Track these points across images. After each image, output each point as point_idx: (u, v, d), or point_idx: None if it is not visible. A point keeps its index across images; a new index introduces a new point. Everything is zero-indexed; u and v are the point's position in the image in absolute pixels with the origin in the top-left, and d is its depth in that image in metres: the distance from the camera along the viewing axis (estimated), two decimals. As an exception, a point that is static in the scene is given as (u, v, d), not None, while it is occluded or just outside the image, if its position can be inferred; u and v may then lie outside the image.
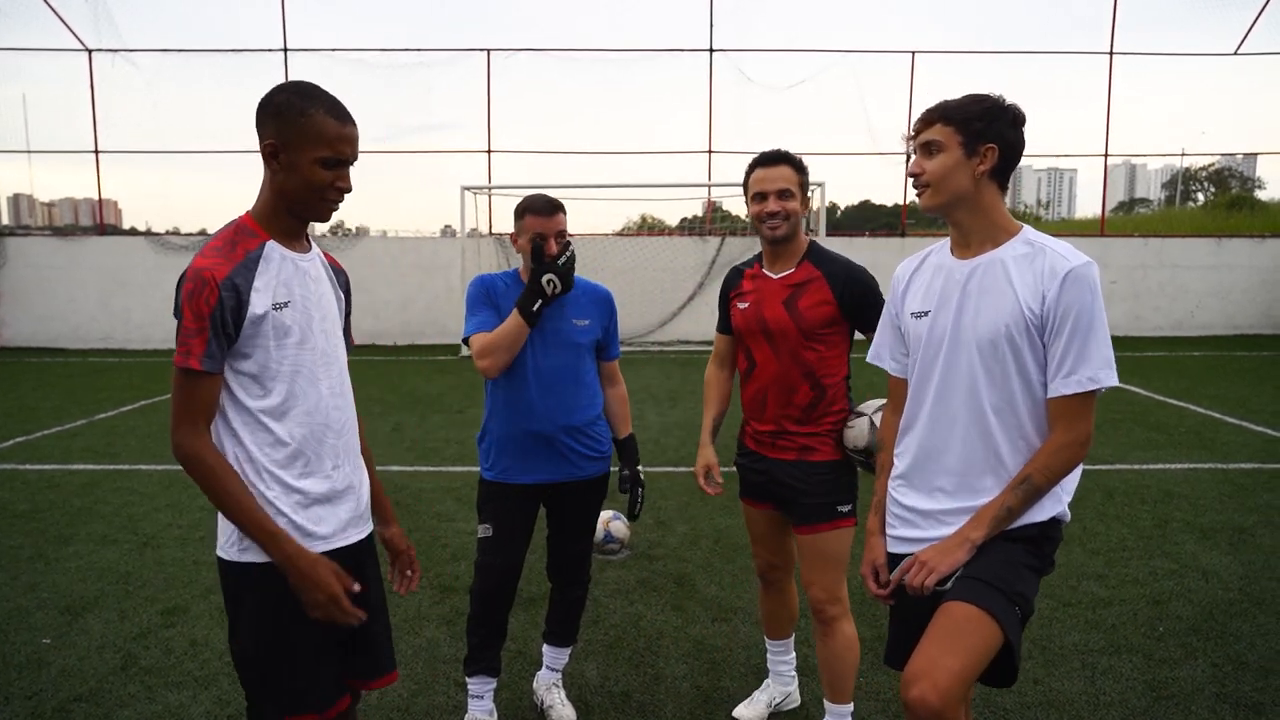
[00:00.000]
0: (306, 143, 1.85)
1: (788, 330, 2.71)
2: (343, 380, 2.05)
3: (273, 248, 1.90)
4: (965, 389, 2.02)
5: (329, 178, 1.88)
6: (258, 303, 1.84)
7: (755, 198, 2.76)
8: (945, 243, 2.13)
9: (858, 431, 2.69)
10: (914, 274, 2.18)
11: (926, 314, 2.10)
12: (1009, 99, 1.99)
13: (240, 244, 1.87)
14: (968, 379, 2.02)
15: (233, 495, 1.82)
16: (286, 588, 1.88)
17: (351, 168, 1.94)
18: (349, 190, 1.94)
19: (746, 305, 2.82)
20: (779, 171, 2.73)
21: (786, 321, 2.71)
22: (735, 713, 3.11)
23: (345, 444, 2.05)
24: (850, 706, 2.87)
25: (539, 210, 2.86)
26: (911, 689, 1.85)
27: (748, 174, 2.81)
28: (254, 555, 1.89)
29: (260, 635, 1.93)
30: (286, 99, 1.87)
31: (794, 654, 3.19)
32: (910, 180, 2.05)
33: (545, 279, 2.78)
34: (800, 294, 2.72)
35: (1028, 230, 2.01)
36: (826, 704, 2.88)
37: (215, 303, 1.78)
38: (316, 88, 1.90)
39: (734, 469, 3.02)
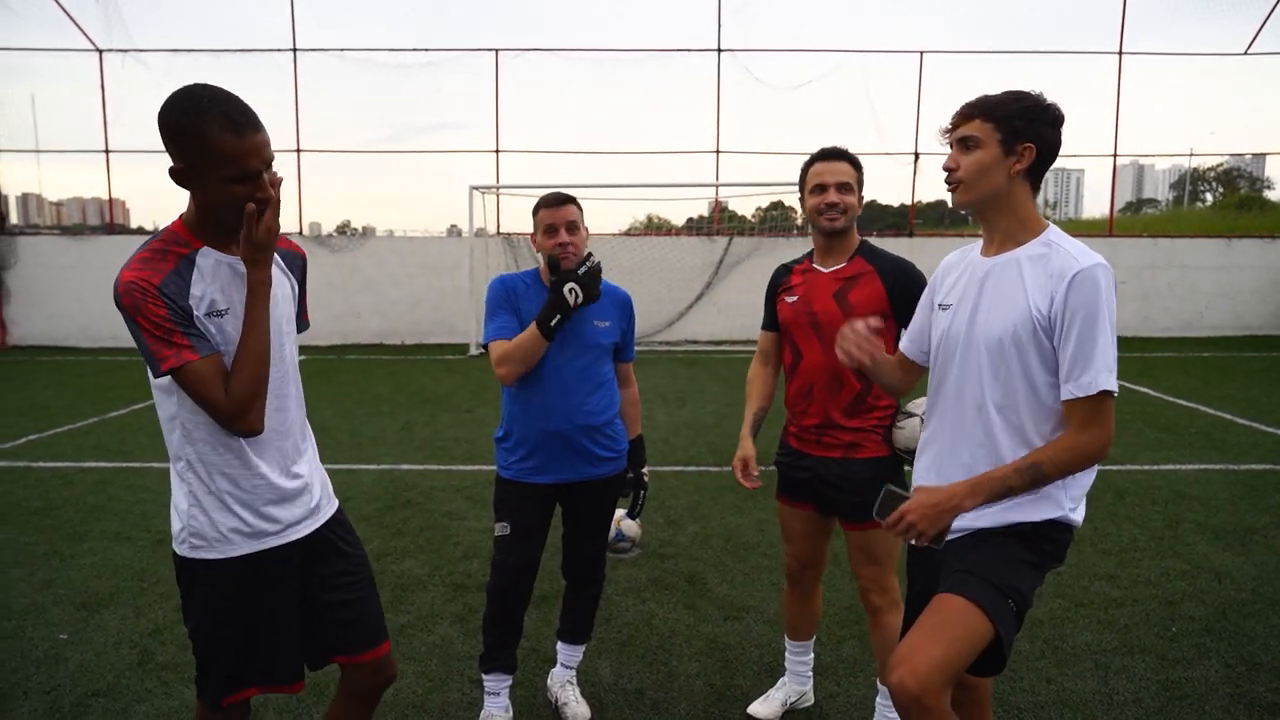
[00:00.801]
0: (210, 164, 1.76)
1: (837, 322, 2.64)
2: (285, 382, 2.01)
3: (206, 254, 1.86)
4: (975, 386, 2.05)
5: (244, 192, 1.80)
6: (194, 314, 1.82)
7: (815, 190, 2.76)
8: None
9: (909, 433, 2.70)
10: (954, 265, 2.20)
11: (949, 308, 2.13)
12: (1049, 98, 1.99)
13: (171, 252, 1.83)
14: (977, 377, 2.04)
15: (258, 352, 1.85)
16: (230, 584, 1.98)
17: (269, 169, 1.83)
18: (269, 198, 1.83)
19: (795, 299, 2.84)
20: (840, 166, 2.75)
21: (836, 313, 2.71)
22: (750, 709, 3.12)
23: (292, 445, 2.05)
24: None
25: (548, 203, 2.90)
26: (893, 674, 1.89)
27: (806, 168, 2.82)
28: (203, 553, 1.95)
29: (205, 626, 2.01)
30: (178, 121, 1.75)
31: (813, 655, 3.19)
32: (944, 175, 2.05)
33: (567, 288, 2.77)
34: (851, 287, 2.74)
35: (1050, 231, 2.01)
36: (879, 684, 2.94)
37: (163, 303, 1.77)
38: (207, 98, 1.76)
39: (771, 468, 3.03)
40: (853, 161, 2.78)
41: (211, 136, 1.74)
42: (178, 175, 1.81)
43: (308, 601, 2.13)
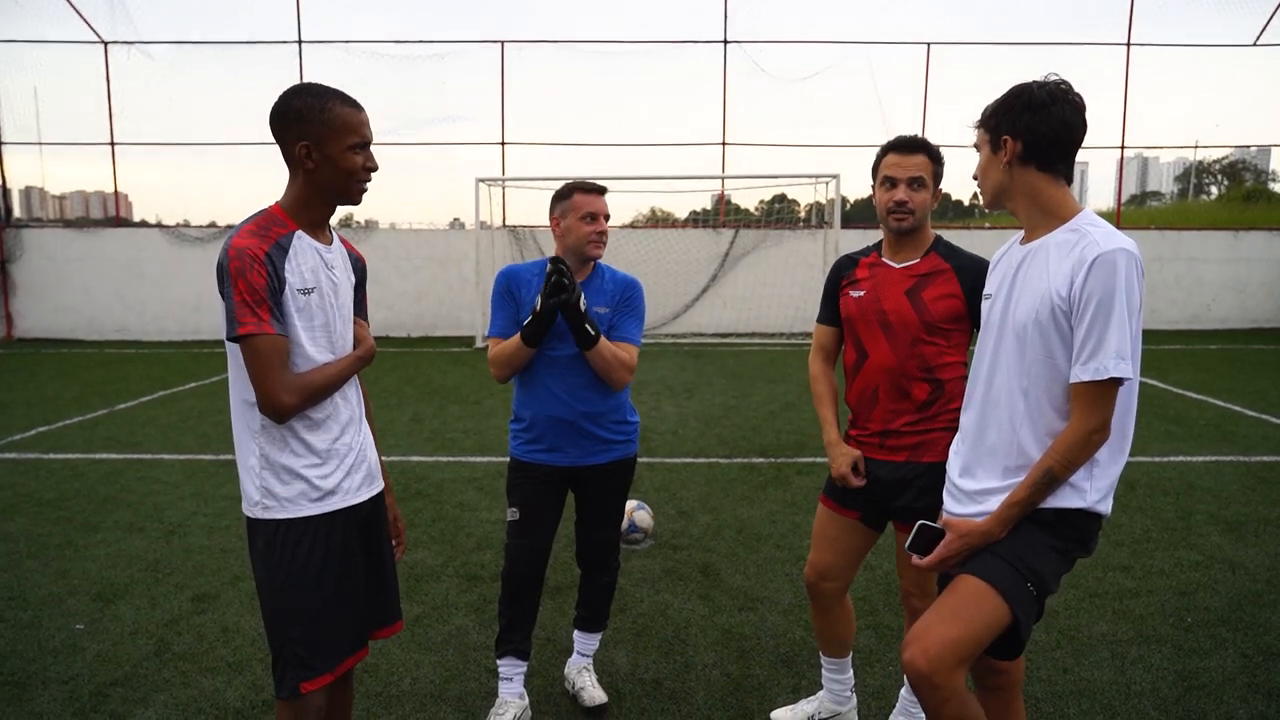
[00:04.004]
0: (335, 135, 2.00)
1: (909, 321, 2.55)
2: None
3: (300, 237, 2.05)
4: (1005, 372, 2.07)
5: (360, 160, 2.05)
6: (287, 286, 1.99)
7: (884, 183, 2.59)
8: None
9: None
10: (1000, 259, 2.22)
11: (989, 298, 2.17)
12: (1041, 80, 2.02)
13: (272, 229, 2.01)
14: (1006, 362, 2.07)
15: (335, 378, 2.06)
16: (298, 546, 2.07)
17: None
18: (376, 169, 2.10)
19: (862, 293, 2.66)
20: (915, 159, 2.57)
21: (909, 312, 2.56)
22: (773, 715, 3.04)
23: (350, 415, 2.20)
24: None
25: (588, 189, 2.91)
26: (904, 652, 1.94)
27: (879, 158, 2.64)
28: (271, 513, 2.06)
29: (275, 593, 2.08)
30: (304, 102, 2.00)
31: (851, 674, 2.98)
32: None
33: (549, 296, 2.72)
34: (925, 285, 2.57)
35: (1082, 216, 2.01)
36: (906, 680, 2.87)
37: (265, 274, 1.93)
38: (322, 85, 2.05)
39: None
40: (931, 153, 2.58)
41: (336, 110, 2.00)
42: (301, 154, 2.00)
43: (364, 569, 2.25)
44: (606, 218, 2.92)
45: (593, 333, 2.80)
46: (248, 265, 1.91)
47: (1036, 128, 1.98)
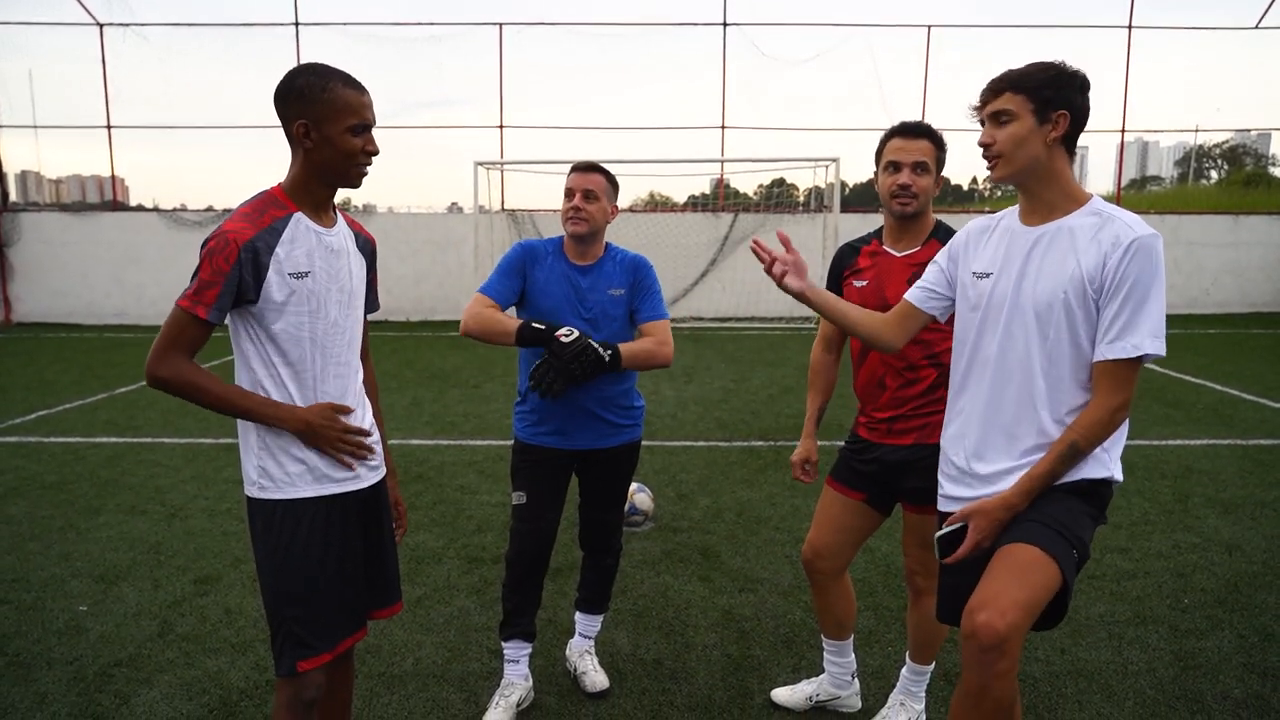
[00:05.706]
0: (335, 115, 1.97)
1: None
2: (350, 348, 2.18)
3: (299, 219, 2.02)
4: (1020, 353, 2.07)
5: (359, 143, 2.02)
6: (276, 269, 1.97)
7: (888, 168, 2.61)
8: (1016, 208, 2.15)
9: None
10: (983, 234, 2.20)
11: (989, 276, 2.13)
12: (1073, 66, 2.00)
13: (268, 212, 1.99)
14: (1023, 343, 2.06)
15: (223, 396, 2.01)
16: (297, 526, 2.07)
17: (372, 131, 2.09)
18: (377, 152, 2.06)
19: (865, 283, 2.68)
20: (918, 144, 2.58)
21: None
22: (774, 693, 3.06)
23: (354, 401, 2.19)
24: (930, 668, 2.86)
25: (575, 167, 2.92)
26: (977, 616, 1.88)
27: (883, 143, 2.65)
28: (269, 494, 2.07)
29: (273, 573, 2.09)
30: (306, 81, 1.98)
31: (852, 659, 3.00)
32: (981, 151, 2.05)
33: (566, 329, 2.75)
34: None
35: (1096, 200, 2.03)
36: (908, 659, 2.90)
37: (233, 263, 1.91)
38: (327, 65, 2.03)
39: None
40: (934, 139, 2.60)
41: (338, 90, 1.98)
42: (300, 133, 1.99)
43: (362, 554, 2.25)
44: (589, 194, 2.85)
45: (609, 359, 2.77)
46: (220, 249, 1.91)
47: (1083, 108, 2.00)
